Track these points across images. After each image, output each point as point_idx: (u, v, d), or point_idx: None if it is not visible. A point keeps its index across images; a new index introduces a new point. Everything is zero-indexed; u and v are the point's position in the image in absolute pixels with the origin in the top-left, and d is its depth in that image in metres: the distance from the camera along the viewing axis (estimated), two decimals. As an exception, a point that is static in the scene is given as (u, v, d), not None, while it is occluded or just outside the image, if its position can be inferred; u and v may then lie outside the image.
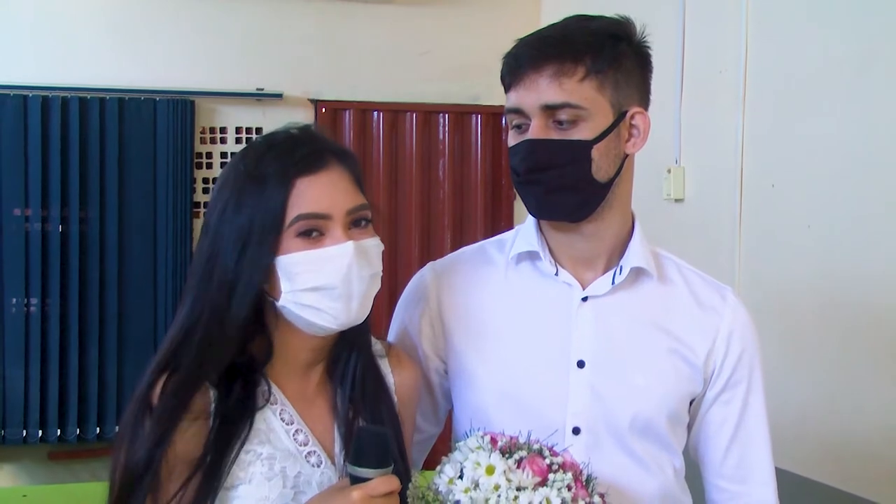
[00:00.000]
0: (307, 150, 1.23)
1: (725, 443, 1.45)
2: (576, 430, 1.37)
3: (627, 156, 1.39)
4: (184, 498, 1.17)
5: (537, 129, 1.32)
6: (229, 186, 1.24)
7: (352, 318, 1.23)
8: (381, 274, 1.26)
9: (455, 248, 1.60)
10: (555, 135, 1.32)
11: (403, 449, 1.33)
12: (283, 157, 1.22)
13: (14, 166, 3.90)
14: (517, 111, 1.35)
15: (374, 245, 1.25)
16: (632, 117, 1.37)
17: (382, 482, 1.14)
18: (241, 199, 1.21)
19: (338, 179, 1.23)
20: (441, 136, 4.45)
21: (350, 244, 1.20)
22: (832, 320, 2.61)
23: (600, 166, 1.34)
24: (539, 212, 1.39)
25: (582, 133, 1.32)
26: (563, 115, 1.31)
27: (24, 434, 3.92)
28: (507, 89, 1.37)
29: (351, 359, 1.31)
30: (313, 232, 1.21)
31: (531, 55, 1.33)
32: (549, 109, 1.31)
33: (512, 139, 1.37)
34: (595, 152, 1.33)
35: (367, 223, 1.26)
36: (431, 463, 1.52)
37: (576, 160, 1.33)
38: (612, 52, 1.33)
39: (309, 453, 1.26)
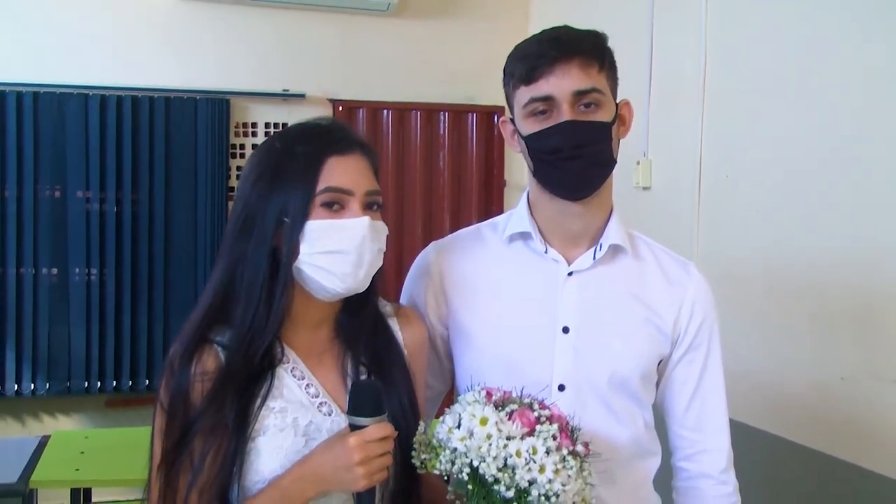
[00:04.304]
0: (339, 136, 1.23)
1: (687, 398, 1.44)
2: (561, 387, 1.36)
3: (619, 141, 1.38)
4: (218, 453, 1.15)
5: (570, 112, 1.30)
6: (263, 162, 1.22)
7: (357, 283, 1.21)
8: (384, 251, 1.25)
9: (453, 229, 1.57)
10: (583, 118, 1.30)
11: (414, 399, 1.29)
12: (317, 139, 1.22)
13: (77, 155, 3.87)
14: (546, 98, 1.30)
15: (382, 227, 1.24)
16: (621, 108, 1.37)
17: (377, 429, 1.13)
18: (277, 173, 1.19)
19: (361, 165, 1.23)
20: (441, 132, 4.41)
21: (366, 219, 1.20)
22: (775, 290, 2.62)
23: (614, 146, 1.35)
24: (571, 186, 1.35)
25: (602, 116, 1.32)
26: (590, 99, 1.30)
27: (86, 385, 3.92)
28: (528, 82, 1.31)
29: (360, 321, 1.28)
30: (335, 204, 1.19)
31: (561, 49, 1.30)
32: (579, 94, 1.30)
33: (536, 125, 1.32)
34: (613, 132, 1.34)
35: (379, 208, 1.25)
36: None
37: (604, 138, 1.32)
38: (609, 52, 1.35)
39: (321, 404, 1.23)
